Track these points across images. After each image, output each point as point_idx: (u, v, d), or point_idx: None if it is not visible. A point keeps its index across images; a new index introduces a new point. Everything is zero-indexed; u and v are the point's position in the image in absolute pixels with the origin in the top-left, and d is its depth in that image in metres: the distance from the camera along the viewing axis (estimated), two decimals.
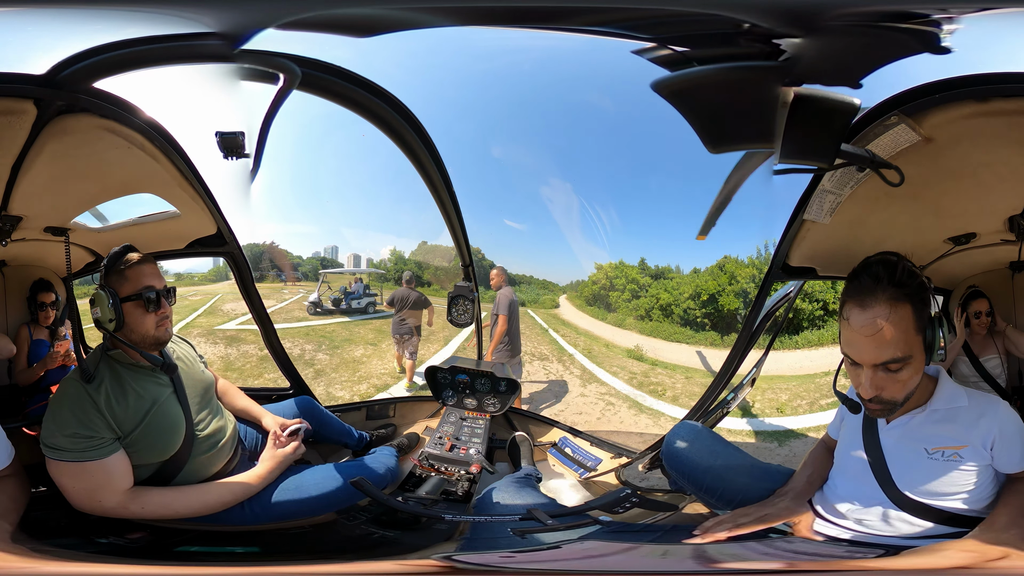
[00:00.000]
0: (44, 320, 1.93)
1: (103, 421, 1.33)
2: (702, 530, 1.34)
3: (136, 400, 1.39)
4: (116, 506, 1.33)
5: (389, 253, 2.62)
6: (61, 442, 1.31)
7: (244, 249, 2.02)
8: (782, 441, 1.96)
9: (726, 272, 2.18)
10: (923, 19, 1.34)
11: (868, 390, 1.21)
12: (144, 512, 1.36)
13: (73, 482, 1.32)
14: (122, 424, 1.35)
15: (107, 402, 1.35)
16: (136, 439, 1.37)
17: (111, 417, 1.34)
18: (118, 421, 1.35)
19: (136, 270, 1.43)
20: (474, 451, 1.92)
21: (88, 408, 1.33)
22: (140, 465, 1.39)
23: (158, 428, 1.40)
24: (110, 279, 1.42)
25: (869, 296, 1.19)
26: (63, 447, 1.30)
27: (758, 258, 1.97)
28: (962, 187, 1.52)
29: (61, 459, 1.31)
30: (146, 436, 1.38)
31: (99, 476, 1.32)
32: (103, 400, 1.34)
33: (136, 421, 1.37)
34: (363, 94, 1.62)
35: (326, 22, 1.46)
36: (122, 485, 1.35)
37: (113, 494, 1.33)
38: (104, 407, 1.34)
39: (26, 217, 1.70)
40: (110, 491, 1.33)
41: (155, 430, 1.40)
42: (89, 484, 1.32)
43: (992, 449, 1.23)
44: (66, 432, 1.30)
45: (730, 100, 1.47)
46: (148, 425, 1.39)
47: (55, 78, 1.36)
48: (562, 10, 1.43)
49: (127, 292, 1.42)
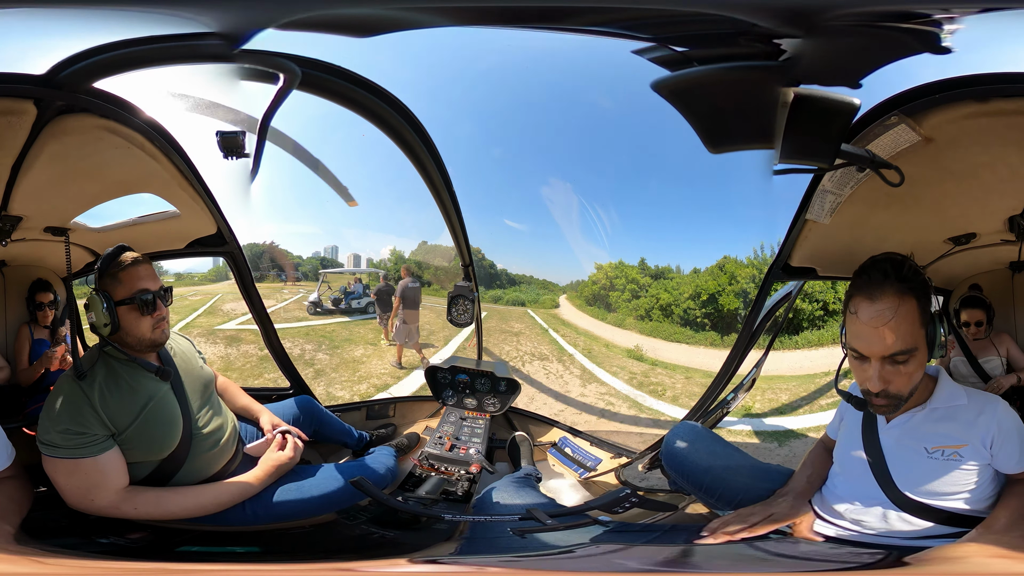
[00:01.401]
0: (43, 320, 1.93)
1: (96, 418, 1.33)
2: (709, 531, 1.35)
3: (131, 395, 1.38)
4: (108, 505, 1.33)
5: (389, 253, 2.62)
6: (54, 438, 1.30)
7: (244, 249, 2.02)
8: (782, 441, 1.96)
9: (726, 272, 2.18)
10: (923, 19, 1.34)
11: (876, 383, 1.22)
12: (137, 512, 1.35)
13: (67, 479, 1.32)
14: (116, 420, 1.35)
15: (101, 398, 1.34)
16: (131, 435, 1.37)
17: (105, 414, 1.33)
18: (112, 417, 1.34)
19: (130, 272, 1.41)
20: (474, 451, 1.92)
21: (81, 404, 1.32)
22: (137, 463, 1.39)
23: (154, 424, 1.40)
24: (104, 282, 1.41)
25: (878, 289, 1.21)
26: (56, 443, 1.30)
27: (757, 258, 1.97)
28: (962, 187, 1.52)
29: (55, 455, 1.31)
30: (141, 432, 1.38)
31: (93, 474, 1.32)
32: (96, 396, 1.34)
33: (131, 417, 1.37)
34: (363, 94, 1.62)
35: (326, 22, 1.46)
36: (116, 484, 1.34)
37: (106, 493, 1.33)
38: (98, 403, 1.33)
39: (26, 217, 1.70)
40: (103, 489, 1.33)
41: (151, 426, 1.39)
42: (83, 482, 1.32)
43: (991, 448, 1.23)
44: (58, 428, 1.30)
45: (730, 100, 1.47)
46: (144, 421, 1.38)
47: (55, 78, 1.36)
48: (562, 10, 1.43)
49: (121, 296, 1.40)
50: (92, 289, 1.41)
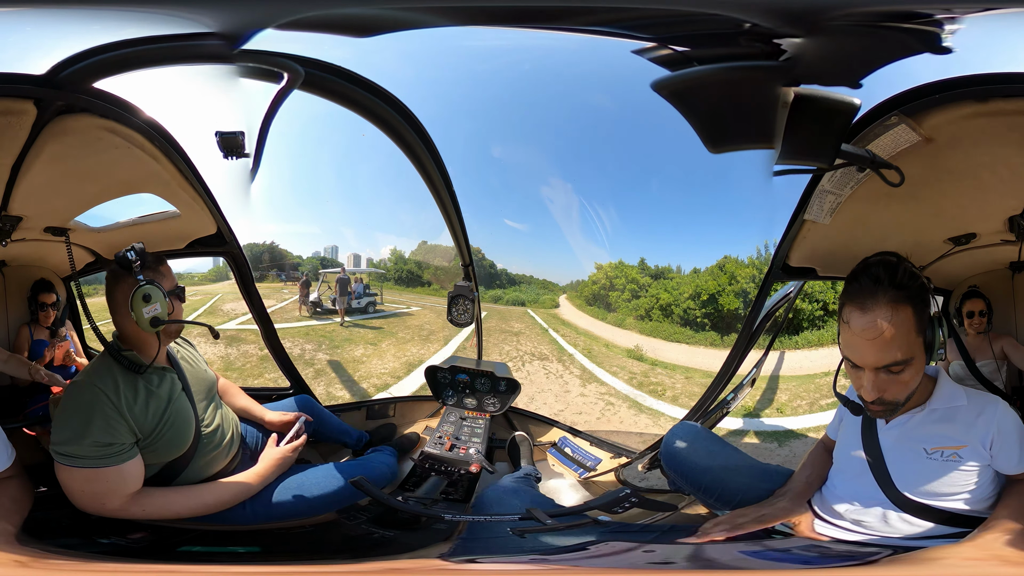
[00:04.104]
0: (44, 320, 1.93)
1: (125, 425, 1.31)
2: (702, 532, 1.35)
3: (153, 399, 1.38)
4: (118, 508, 1.32)
5: (389, 253, 2.62)
6: (78, 450, 1.28)
7: (244, 249, 2.02)
8: (782, 441, 1.96)
9: (726, 272, 2.18)
10: (924, 19, 1.34)
11: (870, 392, 1.21)
12: (144, 513, 1.35)
13: (83, 486, 1.30)
14: (143, 425, 1.34)
15: (128, 405, 1.32)
16: (155, 438, 1.36)
17: (132, 419, 1.32)
18: (139, 422, 1.33)
19: (167, 265, 1.45)
20: (474, 451, 1.92)
21: (110, 413, 1.30)
22: (149, 464, 1.39)
23: (175, 425, 1.40)
24: (149, 275, 1.40)
25: (869, 299, 1.18)
26: (81, 455, 1.28)
27: (758, 258, 1.97)
28: (962, 187, 1.52)
29: (75, 465, 1.28)
30: (164, 434, 1.38)
31: (113, 481, 1.30)
32: (124, 403, 1.32)
33: (156, 420, 1.36)
34: (363, 94, 1.61)
35: (326, 22, 1.46)
36: (131, 489, 1.33)
37: (120, 498, 1.32)
38: (126, 409, 1.32)
39: (26, 217, 1.70)
40: (118, 496, 1.31)
41: (173, 427, 1.39)
42: (100, 488, 1.30)
43: (991, 448, 1.23)
44: (87, 440, 1.28)
45: (730, 100, 1.47)
46: (167, 423, 1.38)
47: (55, 78, 1.36)
48: (562, 10, 1.43)
49: (168, 286, 1.42)
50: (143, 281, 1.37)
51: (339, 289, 2.66)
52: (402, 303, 2.71)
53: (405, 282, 2.67)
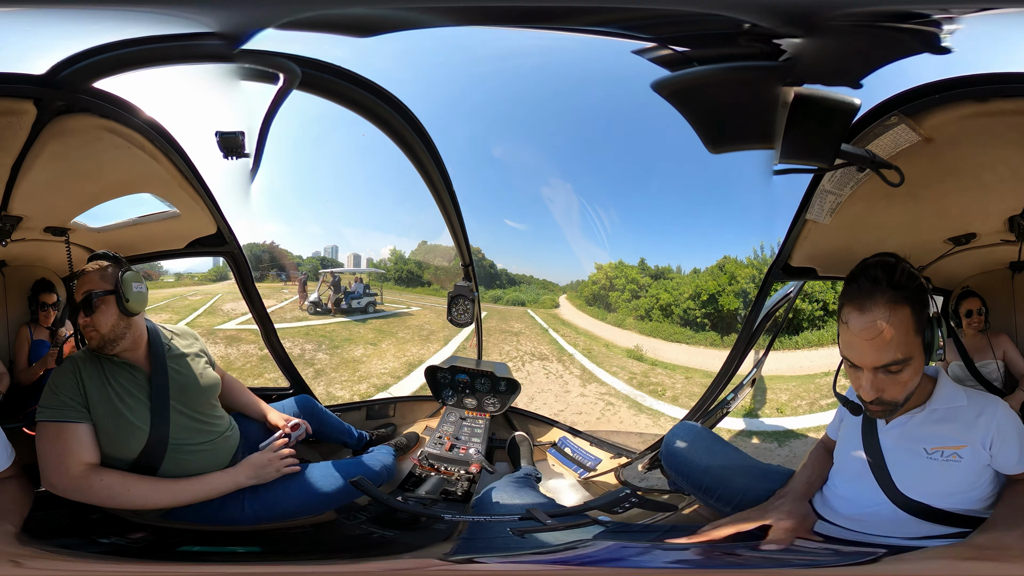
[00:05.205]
0: (44, 320, 1.93)
1: (76, 387, 1.41)
2: (702, 532, 1.35)
3: (108, 388, 1.44)
4: (79, 476, 1.37)
5: (389, 253, 2.62)
6: (43, 400, 1.40)
7: (244, 249, 2.02)
8: (782, 441, 1.96)
9: (726, 272, 2.18)
10: (923, 19, 1.34)
11: (869, 392, 1.21)
12: (103, 485, 1.38)
13: (48, 446, 1.38)
14: (91, 399, 1.42)
15: (87, 374, 1.43)
16: (99, 421, 1.41)
17: (83, 388, 1.42)
18: (89, 395, 1.42)
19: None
20: (474, 451, 1.92)
21: (69, 371, 1.42)
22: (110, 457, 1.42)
23: (117, 423, 1.43)
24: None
25: (868, 299, 1.18)
26: (44, 405, 1.40)
27: (757, 258, 1.97)
28: (962, 187, 1.52)
29: (41, 418, 1.39)
30: (106, 424, 1.42)
31: (69, 440, 1.37)
32: (84, 372, 1.43)
33: (101, 404, 1.42)
34: (363, 94, 1.62)
35: (326, 22, 1.47)
36: (88, 456, 1.38)
37: (77, 463, 1.37)
38: (85, 377, 1.42)
39: (26, 217, 1.70)
40: (75, 460, 1.37)
41: (115, 424, 1.42)
42: (59, 448, 1.37)
43: (991, 448, 1.23)
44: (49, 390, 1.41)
45: (730, 100, 1.47)
46: (109, 415, 1.42)
47: (55, 78, 1.36)
48: (562, 10, 1.44)
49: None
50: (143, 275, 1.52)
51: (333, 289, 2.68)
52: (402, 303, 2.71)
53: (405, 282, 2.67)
